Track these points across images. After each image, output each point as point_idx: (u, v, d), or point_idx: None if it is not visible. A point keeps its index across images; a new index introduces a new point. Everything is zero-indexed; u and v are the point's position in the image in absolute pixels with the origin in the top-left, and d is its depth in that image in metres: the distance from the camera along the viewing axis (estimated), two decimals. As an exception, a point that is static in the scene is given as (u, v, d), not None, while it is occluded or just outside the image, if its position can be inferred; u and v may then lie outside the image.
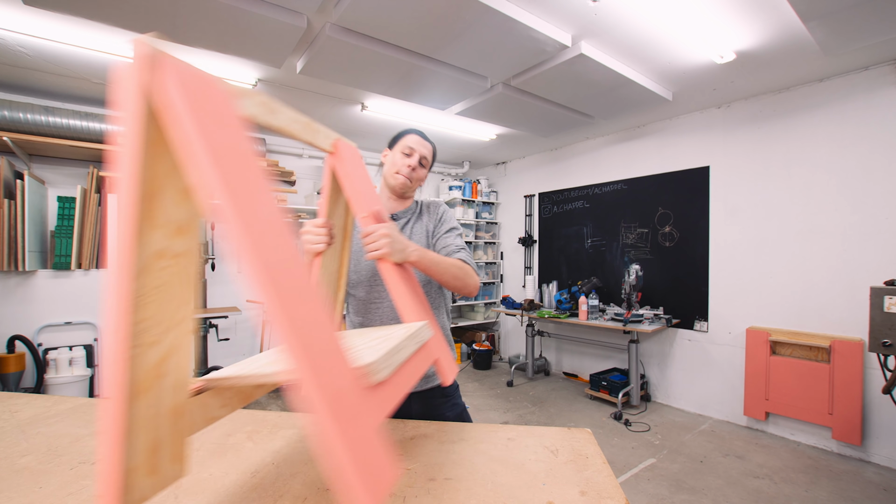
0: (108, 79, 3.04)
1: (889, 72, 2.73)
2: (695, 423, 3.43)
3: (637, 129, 4.16)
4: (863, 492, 2.43)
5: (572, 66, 2.63)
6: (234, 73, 2.97)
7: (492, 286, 5.72)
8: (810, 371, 2.96)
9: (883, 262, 2.75)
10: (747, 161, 3.38)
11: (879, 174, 2.77)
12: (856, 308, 2.84)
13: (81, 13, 2.06)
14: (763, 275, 3.28)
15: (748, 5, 2.13)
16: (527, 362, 4.72)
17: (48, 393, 3.00)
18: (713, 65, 2.76)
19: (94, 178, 3.30)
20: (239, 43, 2.35)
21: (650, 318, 3.70)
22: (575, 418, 3.53)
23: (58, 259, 3.11)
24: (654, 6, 2.13)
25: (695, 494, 2.41)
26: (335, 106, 3.61)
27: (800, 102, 3.11)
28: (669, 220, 3.89)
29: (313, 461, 0.88)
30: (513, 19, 2.12)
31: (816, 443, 3.01)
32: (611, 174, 4.39)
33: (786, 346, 3.11)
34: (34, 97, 3.31)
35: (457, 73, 2.74)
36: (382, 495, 0.44)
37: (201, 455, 0.91)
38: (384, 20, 2.16)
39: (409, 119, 3.90)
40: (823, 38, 2.27)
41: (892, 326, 2.17)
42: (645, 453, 2.90)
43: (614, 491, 0.77)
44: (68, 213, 3.17)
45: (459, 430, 1.04)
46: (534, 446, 0.95)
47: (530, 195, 5.32)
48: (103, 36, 2.50)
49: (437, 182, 5.89)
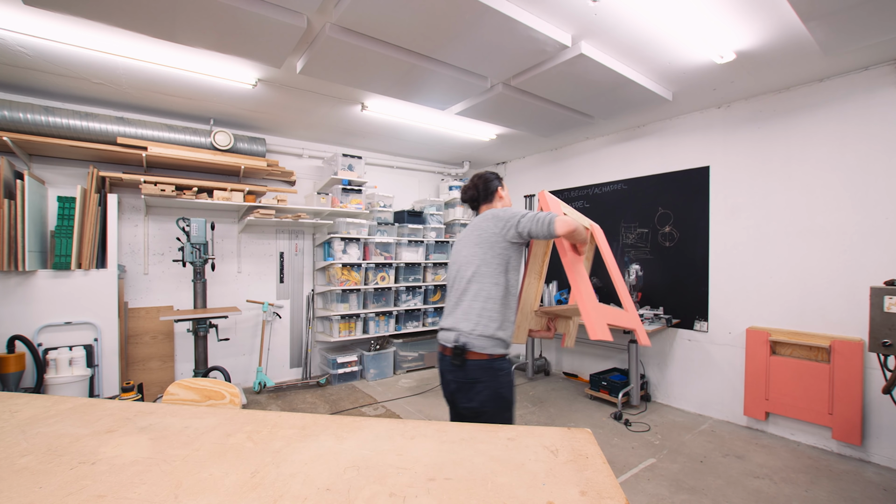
0: (108, 79, 3.04)
1: (889, 72, 2.73)
2: (695, 423, 3.43)
3: (637, 129, 4.16)
4: (863, 492, 2.42)
5: (572, 66, 2.63)
6: (234, 73, 2.96)
7: (492, 286, 5.71)
8: (810, 371, 2.96)
9: (883, 262, 2.75)
10: (747, 161, 3.38)
11: (879, 174, 2.77)
12: (856, 308, 2.84)
13: (81, 13, 2.06)
14: (763, 275, 3.28)
15: (748, 5, 2.13)
16: (527, 362, 4.72)
17: (48, 393, 3.00)
18: (713, 65, 2.76)
19: (94, 178, 3.30)
20: (239, 43, 2.35)
21: (650, 318, 3.70)
22: (575, 418, 3.53)
23: (58, 259, 3.11)
24: (654, 6, 2.13)
25: (695, 494, 2.41)
26: (335, 106, 3.61)
27: (800, 102, 3.11)
28: (669, 220, 3.89)
29: (313, 461, 0.88)
30: (513, 19, 2.12)
31: (816, 443, 3.01)
32: (611, 174, 4.39)
33: (786, 346, 3.11)
34: (34, 97, 3.31)
35: (457, 73, 2.74)
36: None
37: (201, 455, 0.91)
38: (384, 20, 2.16)
39: (409, 119, 3.90)
40: (823, 38, 2.27)
41: (892, 326, 2.17)
42: (645, 453, 2.90)
43: (614, 491, 0.77)
44: (68, 213, 3.17)
45: (459, 429, 1.04)
46: (534, 446, 0.95)
47: (530, 195, 5.32)
48: (103, 36, 2.50)
49: (436, 182, 5.89)
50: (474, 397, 1.65)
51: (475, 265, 1.69)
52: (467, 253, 1.74)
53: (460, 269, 1.75)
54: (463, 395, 1.68)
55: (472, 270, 1.70)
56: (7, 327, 2.99)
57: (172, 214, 3.93)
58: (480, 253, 1.69)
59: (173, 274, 3.96)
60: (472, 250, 1.72)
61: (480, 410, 1.65)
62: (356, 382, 4.51)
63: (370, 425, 1.07)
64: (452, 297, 1.77)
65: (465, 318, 1.66)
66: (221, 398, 1.39)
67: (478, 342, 1.62)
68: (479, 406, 1.65)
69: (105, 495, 0.76)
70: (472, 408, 1.66)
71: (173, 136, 3.60)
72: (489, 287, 1.66)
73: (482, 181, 1.89)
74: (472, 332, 1.63)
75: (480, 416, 1.65)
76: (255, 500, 0.75)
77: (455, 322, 1.69)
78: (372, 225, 4.74)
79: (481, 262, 1.68)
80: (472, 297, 1.67)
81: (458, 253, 1.81)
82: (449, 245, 5.26)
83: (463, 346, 1.63)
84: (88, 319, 3.21)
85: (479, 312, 1.64)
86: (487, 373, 1.64)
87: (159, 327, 3.85)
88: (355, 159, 4.55)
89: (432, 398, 4.02)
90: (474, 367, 1.64)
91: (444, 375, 1.76)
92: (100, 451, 0.93)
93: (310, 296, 4.68)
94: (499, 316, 1.65)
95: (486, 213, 1.77)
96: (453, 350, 1.65)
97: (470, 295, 1.68)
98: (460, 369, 1.66)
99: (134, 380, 3.64)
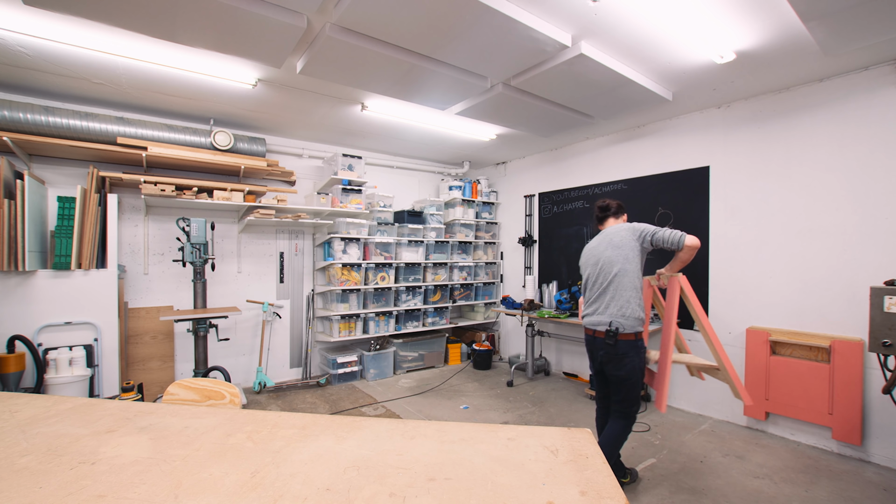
0: (108, 79, 3.04)
1: (889, 72, 2.73)
2: (695, 423, 3.43)
3: (637, 129, 4.16)
4: (863, 492, 2.43)
5: (572, 66, 2.63)
6: (234, 73, 2.97)
7: (492, 286, 5.72)
8: (810, 371, 2.96)
9: (883, 262, 2.75)
10: (747, 161, 3.38)
11: (879, 174, 2.77)
12: (856, 308, 2.84)
13: (81, 13, 2.06)
14: (763, 275, 3.28)
15: (748, 5, 2.13)
16: (527, 362, 4.72)
17: (48, 393, 3.00)
18: (713, 65, 2.76)
19: (94, 178, 3.30)
20: (239, 43, 2.35)
21: (650, 318, 3.69)
22: (575, 418, 3.53)
23: (58, 259, 3.11)
24: (654, 6, 2.13)
25: (695, 494, 2.41)
26: (335, 106, 3.61)
27: (800, 102, 3.11)
28: (669, 220, 3.89)
29: (313, 461, 0.88)
30: (513, 19, 2.12)
31: (816, 443, 3.01)
32: (611, 174, 4.39)
33: (786, 346, 3.11)
34: (34, 97, 3.31)
35: (457, 73, 2.74)
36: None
37: (201, 455, 0.91)
38: (384, 20, 2.16)
39: (409, 119, 3.90)
40: (823, 38, 2.27)
41: (892, 326, 2.17)
42: (645, 453, 2.90)
43: (614, 491, 0.77)
44: (68, 213, 3.17)
45: (459, 429, 1.04)
46: (534, 446, 0.95)
47: (530, 195, 5.32)
48: (103, 36, 2.50)
49: (437, 182, 5.89)
50: (623, 368, 2.17)
51: (619, 264, 2.17)
52: (609, 254, 2.21)
53: (603, 267, 2.23)
54: (613, 366, 2.19)
55: (618, 268, 2.17)
56: (7, 327, 2.99)
57: (172, 214, 3.93)
58: (622, 254, 2.17)
59: (173, 274, 3.96)
60: (613, 252, 2.20)
61: (627, 378, 2.18)
62: (356, 382, 4.51)
63: (370, 425, 1.07)
64: (596, 290, 2.26)
65: (615, 306, 2.15)
66: (221, 398, 1.39)
67: (627, 323, 2.13)
68: (627, 374, 2.17)
69: (105, 495, 0.76)
70: (620, 376, 2.19)
71: (173, 136, 3.60)
72: (631, 280, 2.15)
73: (616, 204, 2.47)
74: (623, 316, 2.13)
75: (626, 382, 2.19)
76: (255, 500, 0.75)
77: (606, 309, 2.18)
78: (372, 225, 4.74)
79: (624, 260, 2.16)
80: (619, 289, 2.15)
81: (598, 254, 2.29)
82: (448, 245, 5.26)
83: (616, 329, 2.13)
84: (88, 319, 3.21)
85: (626, 301, 2.14)
86: (633, 348, 2.15)
87: (159, 327, 3.85)
88: (355, 159, 4.55)
89: (432, 398, 4.02)
90: (624, 344, 2.14)
91: (595, 352, 2.28)
92: (100, 451, 0.93)
93: (310, 296, 4.69)
94: (638, 303, 2.16)
95: (621, 225, 2.31)
96: (607, 332, 2.16)
97: (617, 287, 2.15)
98: (612, 347, 2.15)
99: (134, 380, 3.64)
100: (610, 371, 2.21)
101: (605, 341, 2.16)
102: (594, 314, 2.24)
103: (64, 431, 1.03)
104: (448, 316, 5.30)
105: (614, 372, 2.19)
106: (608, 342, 2.15)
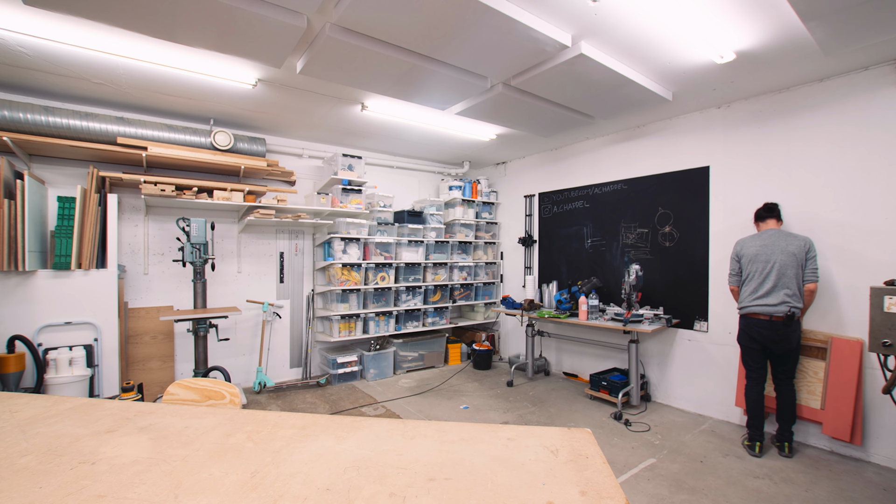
0: (108, 79, 3.04)
1: (889, 72, 2.73)
2: (695, 423, 3.43)
3: (637, 129, 4.16)
4: (863, 492, 2.43)
5: (572, 66, 2.63)
6: (234, 73, 2.97)
7: (492, 286, 5.72)
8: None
9: (883, 262, 2.75)
10: (747, 161, 3.38)
11: (879, 174, 2.77)
12: (855, 308, 2.84)
13: (81, 13, 2.06)
14: (763, 275, 3.28)
15: (748, 5, 2.13)
16: (527, 362, 4.72)
17: (48, 393, 3.00)
18: (713, 65, 2.76)
19: (94, 177, 3.30)
20: (239, 43, 2.35)
21: (650, 318, 3.70)
22: (575, 418, 3.53)
23: (58, 259, 3.11)
24: (654, 6, 2.13)
25: (695, 494, 2.41)
26: (335, 106, 3.61)
27: (800, 102, 3.11)
28: (669, 220, 3.89)
29: (313, 461, 0.88)
30: (513, 19, 2.12)
31: (816, 443, 3.01)
32: (611, 174, 4.39)
33: (786, 346, 3.11)
34: (34, 97, 3.31)
35: (457, 73, 2.74)
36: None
37: (201, 455, 0.91)
38: (384, 20, 2.16)
39: (409, 119, 3.90)
40: (823, 38, 2.27)
41: (892, 326, 2.17)
42: (645, 453, 2.90)
43: (614, 491, 0.77)
44: (68, 213, 3.17)
45: (459, 430, 1.04)
46: (534, 446, 0.95)
47: (530, 195, 5.32)
48: (103, 36, 2.50)
49: (437, 182, 5.89)
50: (793, 343, 2.76)
51: (793, 268, 2.75)
52: (783, 259, 2.78)
53: (776, 263, 2.79)
54: (786, 343, 2.76)
55: (792, 272, 2.75)
56: (7, 327, 2.99)
57: (172, 214, 3.93)
58: (792, 256, 2.76)
59: (173, 274, 3.96)
60: (786, 258, 2.77)
61: (795, 349, 2.79)
62: (356, 382, 4.51)
63: (370, 425, 1.07)
64: (770, 283, 2.79)
65: (791, 295, 2.73)
66: (221, 398, 1.39)
67: (798, 307, 2.74)
68: (796, 347, 2.79)
69: (105, 495, 0.76)
70: (791, 349, 2.78)
71: (173, 136, 3.60)
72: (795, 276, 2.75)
73: (776, 207, 3.00)
74: (797, 303, 2.73)
75: (793, 354, 2.80)
76: (255, 500, 0.75)
77: (783, 298, 2.74)
78: (372, 225, 4.74)
79: (793, 260, 2.76)
80: (790, 282, 2.74)
81: (774, 251, 2.82)
82: (448, 245, 5.26)
83: (793, 314, 2.70)
84: (88, 319, 3.21)
85: (796, 291, 2.74)
86: (799, 327, 2.80)
87: (159, 327, 3.85)
88: (355, 159, 4.55)
89: (432, 398, 4.02)
90: (796, 325, 2.75)
91: (763, 333, 2.81)
92: (100, 451, 0.93)
93: (310, 296, 4.69)
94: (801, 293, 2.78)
95: (795, 236, 2.82)
96: (786, 316, 2.71)
97: (789, 281, 2.74)
98: (788, 327, 2.73)
99: (134, 380, 3.64)
100: (784, 347, 2.76)
101: (784, 323, 2.72)
102: (768, 305, 2.78)
103: (64, 431, 1.03)
104: (448, 316, 5.30)
105: (787, 346, 2.76)
106: (786, 324, 2.72)
